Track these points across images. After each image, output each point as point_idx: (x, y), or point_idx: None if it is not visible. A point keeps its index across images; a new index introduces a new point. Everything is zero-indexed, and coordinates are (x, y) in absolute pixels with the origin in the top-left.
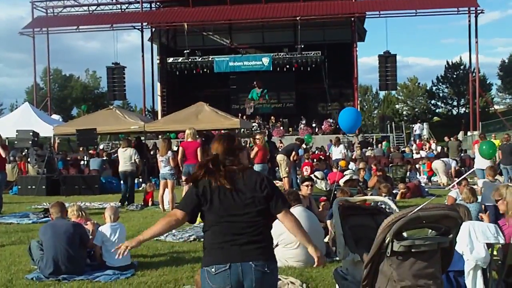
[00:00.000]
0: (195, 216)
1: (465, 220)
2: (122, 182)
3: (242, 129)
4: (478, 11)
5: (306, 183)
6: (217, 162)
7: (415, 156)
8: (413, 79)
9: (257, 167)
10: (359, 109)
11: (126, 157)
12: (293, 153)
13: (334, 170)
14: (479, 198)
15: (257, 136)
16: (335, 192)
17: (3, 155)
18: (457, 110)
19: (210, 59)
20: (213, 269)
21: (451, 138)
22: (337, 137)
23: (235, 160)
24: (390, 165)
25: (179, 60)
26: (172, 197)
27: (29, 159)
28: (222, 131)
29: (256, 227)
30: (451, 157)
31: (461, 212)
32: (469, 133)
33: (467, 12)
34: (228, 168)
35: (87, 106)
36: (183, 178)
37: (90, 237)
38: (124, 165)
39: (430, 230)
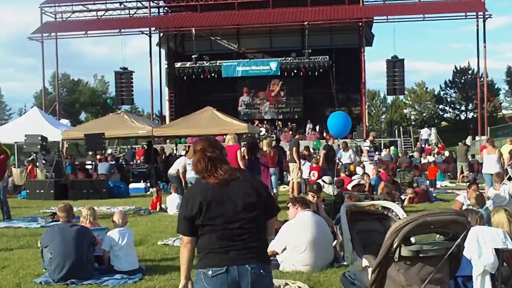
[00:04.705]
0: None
1: (477, 225)
2: None
3: (250, 134)
4: (486, 16)
5: (312, 193)
6: (215, 162)
7: (423, 161)
8: (421, 84)
9: None
10: (366, 114)
11: None
12: (294, 148)
13: (342, 174)
14: (488, 202)
15: (264, 141)
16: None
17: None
18: (465, 115)
19: (218, 64)
20: (209, 272)
21: (459, 143)
22: (345, 142)
23: (225, 161)
24: (398, 170)
25: (187, 65)
26: None
27: (37, 164)
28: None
29: (251, 233)
30: (459, 162)
31: (473, 218)
32: (477, 138)
33: (475, 17)
34: (224, 169)
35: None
36: None
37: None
38: None
39: (438, 235)
